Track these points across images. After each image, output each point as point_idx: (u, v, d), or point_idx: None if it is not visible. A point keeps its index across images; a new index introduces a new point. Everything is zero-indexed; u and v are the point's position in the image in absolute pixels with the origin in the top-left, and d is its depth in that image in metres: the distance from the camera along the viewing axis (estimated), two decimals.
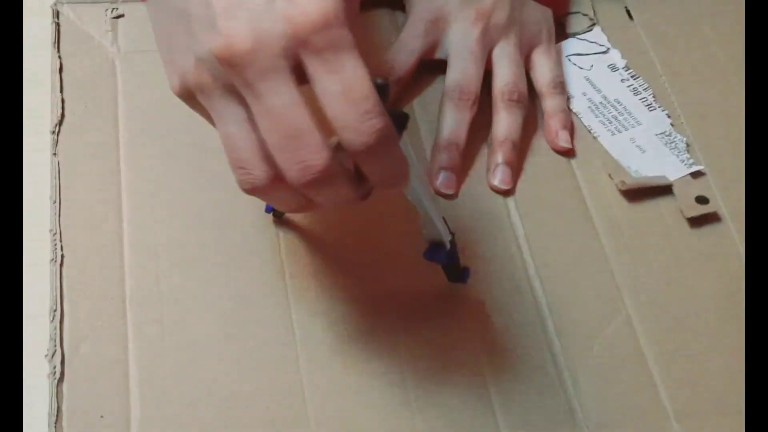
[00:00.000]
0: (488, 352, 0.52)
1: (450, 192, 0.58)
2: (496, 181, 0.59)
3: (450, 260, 0.51)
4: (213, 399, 0.49)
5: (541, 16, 0.65)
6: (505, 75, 0.61)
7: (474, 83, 0.60)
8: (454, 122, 0.59)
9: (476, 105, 0.60)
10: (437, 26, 0.62)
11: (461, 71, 0.60)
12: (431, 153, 0.59)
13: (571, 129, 0.62)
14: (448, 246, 0.50)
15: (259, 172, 0.40)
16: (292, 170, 0.39)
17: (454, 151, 0.59)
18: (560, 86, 0.63)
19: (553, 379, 0.52)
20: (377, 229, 0.56)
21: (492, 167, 0.59)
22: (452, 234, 0.50)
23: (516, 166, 0.59)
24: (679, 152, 0.61)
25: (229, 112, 0.40)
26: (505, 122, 0.60)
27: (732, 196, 0.60)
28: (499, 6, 0.62)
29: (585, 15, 0.67)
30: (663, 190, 0.59)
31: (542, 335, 0.53)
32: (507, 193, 0.59)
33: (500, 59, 0.62)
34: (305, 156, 0.39)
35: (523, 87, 0.61)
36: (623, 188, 0.59)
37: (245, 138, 0.40)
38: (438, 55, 0.62)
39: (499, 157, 0.59)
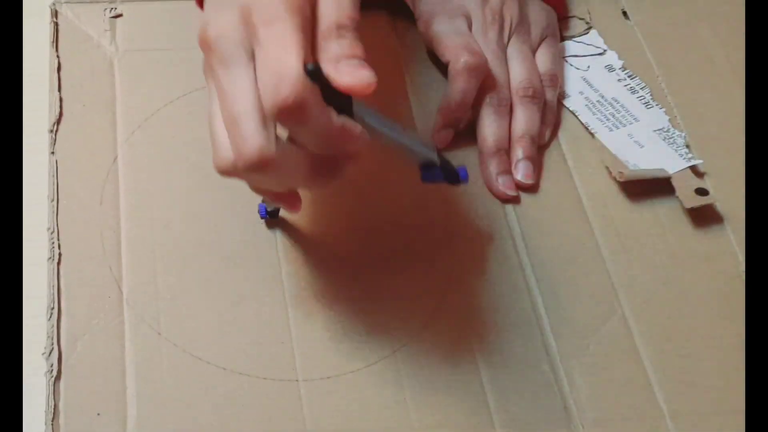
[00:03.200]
0: (484, 350, 0.52)
1: (514, 193, 0.59)
2: (519, 176, 0.59)
3: (446, 172, 0.51)
4: (209, 397, 0.49)
5: (545, 14, 0.65)
6: (519, 72, 0.62)
7: (507, 88, 0.61)
8: (499, 128, 0.60)
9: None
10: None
11: (493, 77, 0.61)
12: (482, 161, 0.60)
13: (550, 124, 0.62)
14: (437, 160, 0.50)
15: (221, 154, 0.43)
16: (235, 154, 0.42)
17: (504, 155, 0.60)
18: (551, 79, 0.63)
19: (548, 377, 0.52)
20: (374, 229, 0.56)
21: (513, 163, 0.60)
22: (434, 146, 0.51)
23: (537, 161, 0.60)
24: (677, 147, 0.61)
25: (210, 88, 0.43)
26: (522, 118, 0.61)
27: (729, 197, 0.60)
28: (508, 3, 0.63)
29: (581, 19, 0.68)
30: (661, 189, 0.59)
31: (538, 334, 0.54)
32: (531, 188, 0.59)
33: (514, 56, 0.62)
34: (238, 142, 0.41)
35: (538, 83, 0.62)
36: (621, 179, 0.59)
37: (216, 125, 0.43)
38: None
39: (520, 153, 0.60)
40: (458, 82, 0.59)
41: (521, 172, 0.59)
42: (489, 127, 0.60)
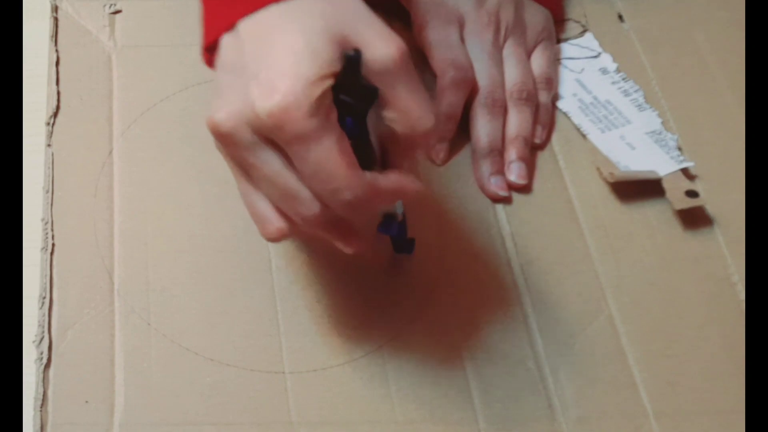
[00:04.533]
0: (470, 346, 0.53)
1: (505, 194, 0.59)
2: (513, 177, 0.60)
3: (400, 232, 0.52)
4: (196, 387, 0.50)
5: (542, 17, 0.66)
6: (513, 74, 0.62)
7: (501, 89, 0.62)
8: (493, 129, 0.61)
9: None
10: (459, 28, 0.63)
11: (488, 78, 0.61)
12: (474, 160, 0.60)
13: (546, 125, 0.62)
14: (400, 218, 0.51)
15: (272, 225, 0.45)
16: (297, 218, 0.44)
17: (497, 156, 0.60)
18: (546, 82, 0.63)
19: (533, 374, 0.52)
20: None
21: (507, 164, 0.60)
22: (403, 206, 0.52)
23: (530, 162, 0.61)
24: (669, 149, 0.62)
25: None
26: (515, 120, 0.61)
27: (719, 200, 0.60)
28: (504, 6, 0.63)
29: (577, 22, 0.68)
30: (651, 190, 0.60)
31: (524, 332, 0.54)
32: (524, 188, 0.60)
33: (508, 58, 0.63)
34: (300, 209, 0.43)
35: (531, 85, 0.63)
36: (612, 180, 0.59)
37: (254, 200, 0.45)
38: None
39: (513, 154, 0.60)
40: (445, 97, 0.60)
41: (514, 173, 0.60)
42: (483, 128, 0.61)
